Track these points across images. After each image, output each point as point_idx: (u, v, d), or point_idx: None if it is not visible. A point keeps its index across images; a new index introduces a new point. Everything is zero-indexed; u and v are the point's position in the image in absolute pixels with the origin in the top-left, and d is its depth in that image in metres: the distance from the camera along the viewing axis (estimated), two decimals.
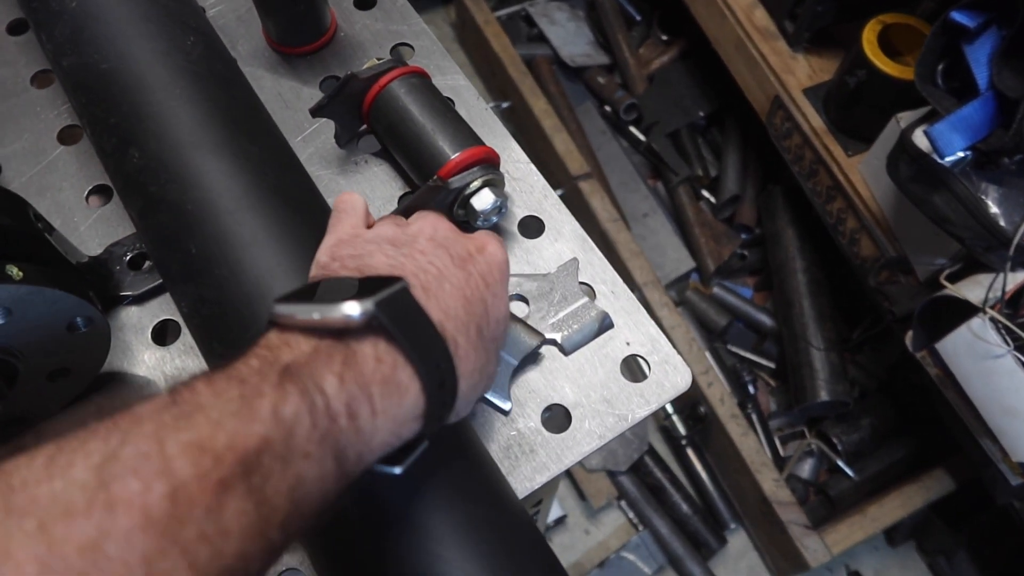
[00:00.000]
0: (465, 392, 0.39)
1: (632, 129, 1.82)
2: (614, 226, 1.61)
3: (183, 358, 0.55)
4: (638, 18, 1.97)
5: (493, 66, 1.86)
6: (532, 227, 0.60)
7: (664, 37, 1.92)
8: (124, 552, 0.24)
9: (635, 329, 0.57)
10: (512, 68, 1.79)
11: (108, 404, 0.32)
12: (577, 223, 0.60)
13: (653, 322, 0.57)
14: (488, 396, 0.52)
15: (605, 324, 0.57)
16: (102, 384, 0.54)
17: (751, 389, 1.60)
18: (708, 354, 1.59)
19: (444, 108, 0.58)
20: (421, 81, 0.59)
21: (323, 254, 0.42)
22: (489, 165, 0.56)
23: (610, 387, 0.55)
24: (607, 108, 1.86)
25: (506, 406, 0.52)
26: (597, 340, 0.56)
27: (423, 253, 0.41)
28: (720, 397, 1.47)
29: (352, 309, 0.33)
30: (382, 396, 0.33)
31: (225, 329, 0.46)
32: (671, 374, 0.55)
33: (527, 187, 0.62)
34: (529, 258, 0.59)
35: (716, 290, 1.67)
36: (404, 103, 0.57)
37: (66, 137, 0.63)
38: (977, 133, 1.08)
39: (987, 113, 1.08)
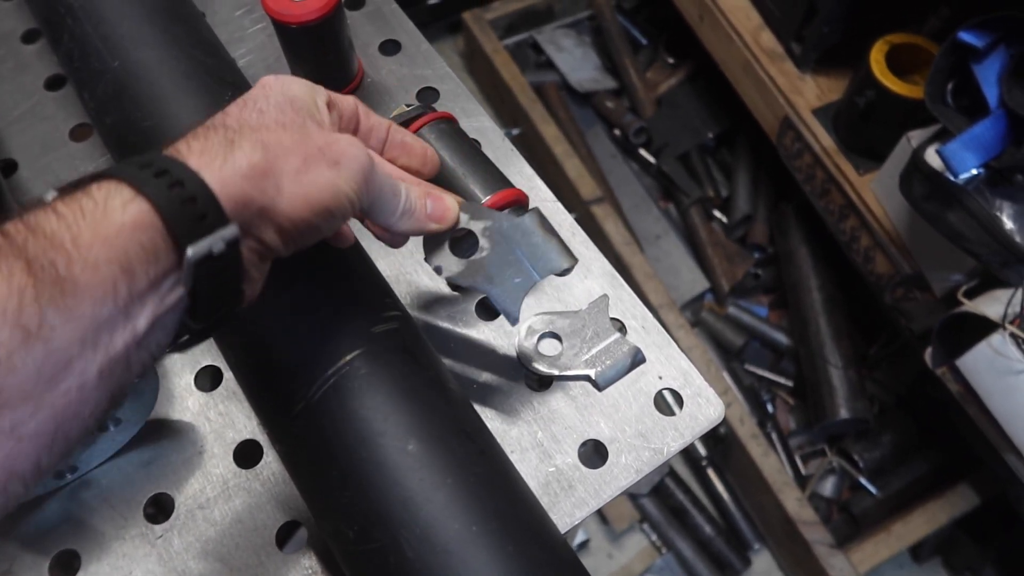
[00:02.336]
0: (225, 158, 0.37)
1: (642, 152, 1.84)
2: (628, 249, 1.62)
3: (227, 403, 0.57)
4: (644, 42, 1.99)
5: (503, 94, 1.88)
6: None
7: (671, 60, 1.95)
8: None
9: (667, 363, 0.58)
10: (522, 95, 1.81)
11: None
12: (606, 260, 0.62)
13: (684, 356, 0.58)
14: (498, 302, 0.49)
15: (637, 359, 0.58)
16: (149, 431, 0.55)
17: (770, 408, 1.60)
18: (726, 374, 1.59)
19: (473, 152, 0.59)
20: (450, 126, 0.60)
21: None
22: (519, 207, 0.58)
23: (644, 421, 0.56)
24: (616, 132, 1.88)
25: (513, 313, 0.49)
26: (630, 375, 0.57)
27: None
28: (739, 417, 1.48)
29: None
30: (64, 203, 0.33)
31: (272, 377, 0.47)
32: (704, 407, 0.56)
33: (555, 224, 0.63)
34: (560, 295, 0.60)
35: (731, 310, 1.68)
36: (434, 148, 0.59)
37: None
38: (989, 151, 1.09)
39: (998, 131, 1.09)
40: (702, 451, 1.55)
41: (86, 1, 0.58)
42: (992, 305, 1.13)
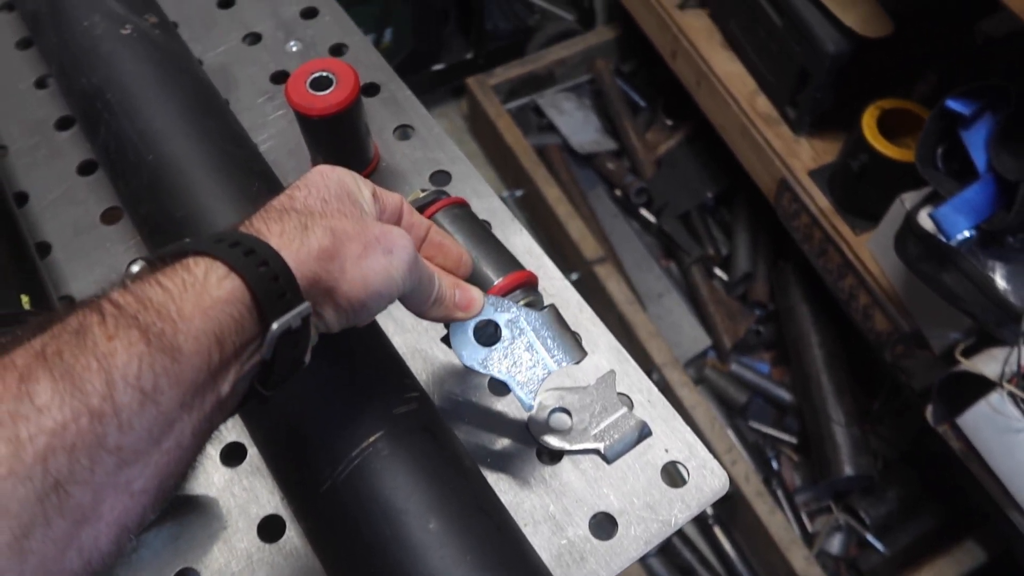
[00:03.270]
0: (298, 239, 0.41)
1: (643, 212, 1.88)
2: (630, 308, 1.65)
3: (251, 478, 0.59)
4: (643, 105, 2.05)
5: (506, 156, 1.94)
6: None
7: (669, 122, 2.01)
8: None
9: (672, 436, 0.60)
10: (524, 158, 1.87)
11: None
12: (612, 336, 0.64)
13: (689, 428, 0.61)
14: (516, 390, 0.52)
15: (644, 432, 0.60)
16: (176, 507, 0.57)
17: (775, 465, 1.61)
18: (730, 431, 1.61)
19: (485, 235, 0.63)
20: (463, 211, 0.64)
21: None
22: (529, 287, 0.61)
23: (652, 493, 0.58)
24: (618, 192, 1.92)
25: (528, 401, 0.52)
26: (637, 448, 0.60)
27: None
28: (745, 475, 1.49)
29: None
30: (166, 276, 0.37)
31: (299, 458, 0.49)
32: (709, 478, 0.59)
33: (563, 303, 0.66)
34: (569, 371, 0.63)
35: (734, 367, 1.70)
36: (448, 232, 0.62)
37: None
38: (980, 214, 1.13)
39: (988, 195, 1.12)
40: (708, 509, 1.56)
41: (123, 97, 0.62)
42: (989, 364, 1.15)
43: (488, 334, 0.53)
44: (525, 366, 0.52)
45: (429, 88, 2.10)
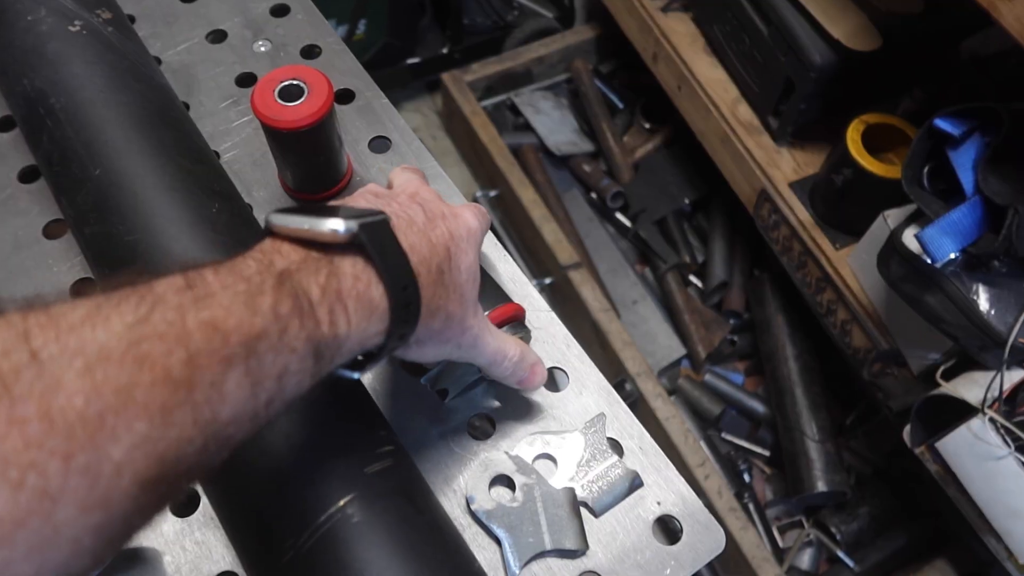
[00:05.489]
0: (425, 319, 0.43)
1: (619, 216, 1.84)
2: (605, 316, 1.61)
3: (204, 531, 0.53)
4: (621, 106, 2.01)
5: (480, 155, 1.88)
6: (556, 379, 0.60)
7: (647, 126, 1.97)
8: (148, 398, 0.30)
9: (665, 487, 0.56)
10: (500, 158, 1.81)
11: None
12: (601, 375, 0.60)
13: (683, 479, 0.57)
14: (507, 551, 0.52)
15: (635, 483, 0.56)
16: (117, 561, 0.52)
17: (747, 477, 1.59)
18: (703, 443, 1.58)
19: None
20: None
21: None
22: (517, 322, 0.56)
23: (643, 552, 0.54)
24: (593, 195, 1.88)
25: (514, 568, 0.52)
26: (627, 500, 0.56)
27: (400, 204, 0.47)
28: (718, 489, 1.46)
29: (338, 225, 0.39)
30: (356, 310, 0.38)
31: (259, 523, 0.44)
32: (703, 535, 0.55)
33: (549, 336, 0.62)
34: (555, 413, 0.59)
35: (708, 377, 1.68)
36: None
37: (79, 291, 0.62)
38: (967, 237, 1.11)
39: (975, 217, 1.10)
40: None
41: (69, 103, 0.56)
42: (970, 388, 1.13)
43: (503, 489, 0.54)
44: (524, 534, 0.52)
45: (403, 82, 2.03)
